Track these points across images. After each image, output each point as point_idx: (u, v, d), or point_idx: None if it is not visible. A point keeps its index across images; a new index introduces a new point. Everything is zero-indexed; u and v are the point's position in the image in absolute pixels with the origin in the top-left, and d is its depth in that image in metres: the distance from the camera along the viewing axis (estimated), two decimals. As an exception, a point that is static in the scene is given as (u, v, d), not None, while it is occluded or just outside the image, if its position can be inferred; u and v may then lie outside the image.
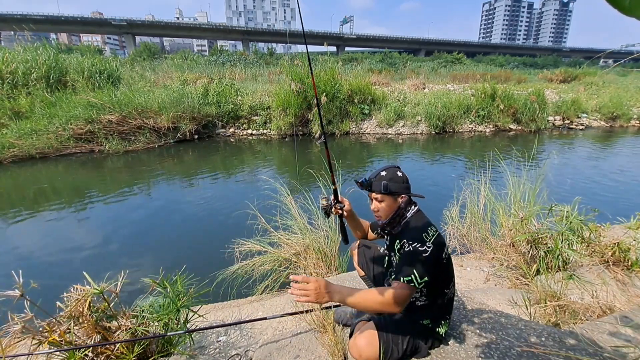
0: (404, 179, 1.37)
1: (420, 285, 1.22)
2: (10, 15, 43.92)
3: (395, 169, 1.39)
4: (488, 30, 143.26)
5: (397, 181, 1.35)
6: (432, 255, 1.24)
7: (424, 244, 1.25)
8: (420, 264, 1.23)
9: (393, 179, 1.35)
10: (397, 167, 1.41)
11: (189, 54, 30.79)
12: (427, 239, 1.26)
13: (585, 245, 2.39)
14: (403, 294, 1.20)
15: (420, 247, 1.25)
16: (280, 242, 2.95)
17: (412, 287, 1.22)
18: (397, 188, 1.35)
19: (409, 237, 1.29)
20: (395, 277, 1.26)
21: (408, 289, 1.22)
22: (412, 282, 1.21)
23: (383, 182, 1.34)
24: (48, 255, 4.00)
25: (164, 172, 7.46)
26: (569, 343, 1.41)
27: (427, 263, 1.23)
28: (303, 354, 1.57)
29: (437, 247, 1.27)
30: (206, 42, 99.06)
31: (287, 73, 11.22)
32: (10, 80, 9.63)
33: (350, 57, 33.35)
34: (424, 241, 1.25)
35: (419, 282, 1.21)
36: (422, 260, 1.23)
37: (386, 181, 1.34)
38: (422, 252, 1.24)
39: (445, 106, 11.94)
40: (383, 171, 1.38)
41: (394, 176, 1.36)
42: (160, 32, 56.34)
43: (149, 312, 1.59)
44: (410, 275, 1.21)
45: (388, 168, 1.39)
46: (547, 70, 27.42)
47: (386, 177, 1.35)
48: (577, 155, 8.97)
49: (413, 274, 1.21)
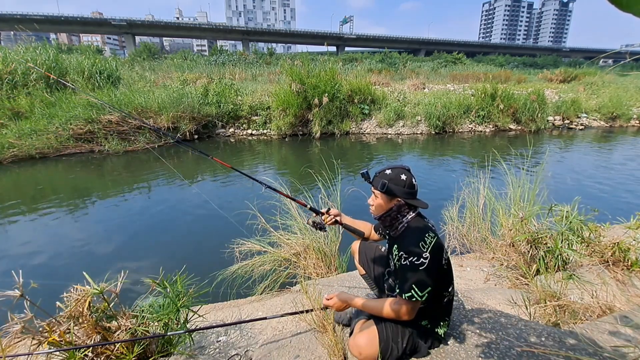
0: (405, 183, 1.33)
1: (424, 297, 1.23)
2: (10, 15, 43.88)
3: (401, 170, 1.35)
4: (488, 30, 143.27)
5: (398, 184, 1.33)
6: (430, 265, 1.23)
7: (420, 256, 1.24)
8: (419, 277, 1.23)
9: (394, 180, 1.33)
10: (405, 169, 1.37)
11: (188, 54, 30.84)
12: (424, 248, 1.24)
13: (585, 245, 2.39)
14: (409, 309, 1.26)
15: (416, 260, 1.23)
16: (280, 242, 2.95)
17: (415, 302, 1.24)
18: (394, 190, 1.33)
19: (406, 250, 1.27)
20: (398, 292, 1.27)
21: (412, 305, 1.25)
22: (414, 298, 1.23)
23: (382, 181, 1.33)
24: (48, 255, 4.00)
25: (163, 172, 7.46)
26: (569, 343, 1.41)
27: (426, 273, 1.23)
28: (303, 353, 1.57)
29: (436, 254, 1.26)
30: (206, 42, 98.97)
31: (287, 73, 11.22)
32: (10, 80, 9.63)
33: (350, 57, 33.32)
34: (420, 253, 1.24)
35: (420, 295, 1.22)
36: (420, 273, 1.23)
37: (386, 180, 1.33)
38: (419, 266, 1.23)
39: (445, 106, 11.95)
40: (389, 170, 1.36)
41: (396, 177, 1.33)
42: (160, 32, 56.30)
43: (149, 312, 1.59)
44: (411, 291, 1.23)
45: (395, 168, 1.37)
46: (546, 70, 27.42)
47: (388, 177, 1.34)
48: (576, 155, 8.98)
49: (413, 289, 1.22)
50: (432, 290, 1.25)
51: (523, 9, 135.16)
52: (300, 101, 10.73)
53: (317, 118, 10.95)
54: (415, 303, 1.25)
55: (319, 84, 10.75)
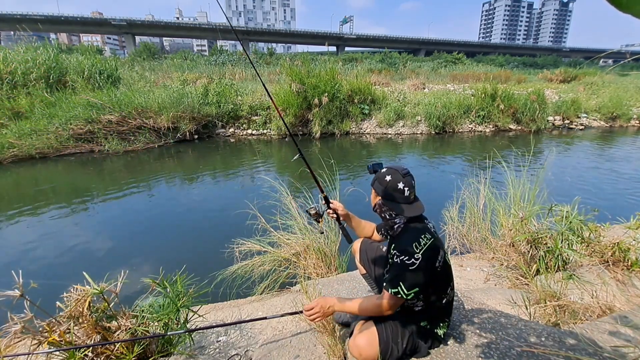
0: (388, 185, 1.32)
1: (409, 296, 1.24)
2: (10, 15, 43.85)
3: (393, 172, 1.34)
4: (488, 30, 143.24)
5: (381, 183, 1.37)
6: (420, 266, 1.24)
7: (412, 256, 1.24)
8: (407, 276, 1.24)
9: (379, 178, 1.38)
10: (397, 171, 1.34)
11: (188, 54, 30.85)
12: (418, 248, 1.25)
13: (585, 245, 2.39)
14: (392, 304, 1.29)
15: (407, 259, 1.24)
16: (280, 242, 2.95)
17: (399, 298, 1.26)
18: (377, 189, 1.39)
19: (399, 248, 1.28)
20: (385, 286, 1.30)
21: (396, 300, 1.27)
22: (399, 294, 1.24)
23: (374, 176, 1.43)
24: (48, 255, 4.00)
25: (163, 172, 7.46)
26: (569, 343, 1.41)
27: (415, 274, 1.24)
28: (303, 353, 1.57)
29: (428, 256, 1.26)
30: (206, 42, 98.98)
31: (287, 73, 11.22)
32: (10, 80, 9.63)
33: (350, 57, 33.30)
34: (412, 253, 1.24)
35: (406, 294, 1.24)
36: (409, 273, 1.24)
37: (376, 177, 1.41)
38: (409, 265, 1.24)
39: (445, 106, 11.94)
40: (386, 169, 1.39)
41: (381, 177, 1.37)
42: (160, 32, 56.30)
43: (148, 312, 1.59)
44: (397, 288, 1.24)
45: (390, 168, 1.38)
46: (547, 70, 27.41)
47: (379, 175, 1.40)
48: (577, 155, 8.97)
49: (400, 286, 1.24)
50: (419, 291, 1.26)
51: (523, 9, 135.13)
52: (300, 101, 10.73)
53: (317, 118, 10.95)
54: (399, 299, 1.27)
55: (319, 84, 10.75)
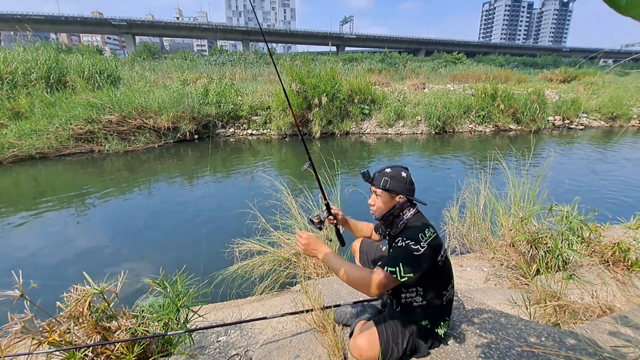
0: (406, 180, 1.37)
1: (403, 279, 1.20)
2: (10, 15, 43.85)
3: (401, 169, 1.39)
4: (488, 30, 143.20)
5: (399, 181, 1.35)
6: (424, 255, 1.23)
7: (418, 242, 1.24)
8: (409, 260, 1.22)
9: (395, 177, 1.36)
10: (404, 167, 1.41)
11: (188, 54, 30.83)
12: (423, 239, 1.26)
13: (585, 245, 2.39)
14: (383, 282, 1.20)
15: (413, 245, 1.24)
16: (280, 242, 2.95)
17: (394, 279, 1.20)
18: (396, 187, 1.35)
19: (406, 236, 1.29)
20: (381, 264, 1.24)
21: (389, 279, 1.21)
22: (395, 274, 1.20)
23: (384, 179, 1.36)
24: (48, 255, 4.00)
25: (164, 172, 7.46)
26: (569, 343, 1.41)
27: (416, 261, 1.22)
28: (303, 353, 1.57)
29: (432, 249, 1.27)
30: (206, 42, 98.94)
31: (287, 73, 11.23)
32: (10, 80, 9.63)
33: (350, 57, 33.28)
34: (419, 241, 1.25)
35: (401, 276, 1.19)
36: (412, 257, 1.22)
37: (388, 178, 1.36)
38: (414, 250, 1.23)
39: (445, 106, 11.95)
40: (388, 168, 1.39)
41: (397, 175, 1.36)
42: (160, 32, 56.28)
43: (149, 312, 1.59)
44: (395, 267, 1.20)
45: (394, 167, 1.40)
46: (547, 70, 27.42)
47: (389, 175, 1.36)
48: (577, 155, 8.97)
49: (399, 266, 1.20)
50: (416, 280, 1.24)
51: (523, 9, 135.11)
52: (300, 101, 10.74)
53: (317, 118, 10.95)
54: (392, 281, 1.21)
55: (319, 84, 10.75)
